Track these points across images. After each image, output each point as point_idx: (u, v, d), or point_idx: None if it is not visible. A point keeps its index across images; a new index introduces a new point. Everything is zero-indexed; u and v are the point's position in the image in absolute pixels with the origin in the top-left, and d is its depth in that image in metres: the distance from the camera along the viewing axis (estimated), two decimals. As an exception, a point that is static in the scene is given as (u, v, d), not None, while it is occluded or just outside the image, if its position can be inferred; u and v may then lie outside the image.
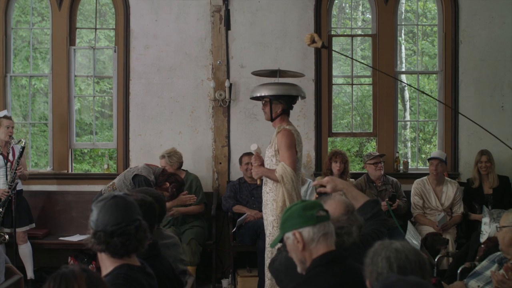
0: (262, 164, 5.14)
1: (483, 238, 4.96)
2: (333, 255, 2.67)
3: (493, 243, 4.94)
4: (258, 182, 5.17)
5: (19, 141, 6.60)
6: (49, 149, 7.77)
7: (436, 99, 7.76)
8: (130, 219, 2.71)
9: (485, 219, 4.97)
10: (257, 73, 5.52)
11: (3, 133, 6.65)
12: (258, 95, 5.07)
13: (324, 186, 3.61)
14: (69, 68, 7.67)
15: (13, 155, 6.64)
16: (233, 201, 7.02)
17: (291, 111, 5.29)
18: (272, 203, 4.98)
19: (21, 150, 6.56)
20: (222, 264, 7.36)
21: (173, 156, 6.86)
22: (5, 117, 6.72)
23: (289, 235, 2.71)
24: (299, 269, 2.78)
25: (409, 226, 5.99)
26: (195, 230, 6.74)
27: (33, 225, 6.85)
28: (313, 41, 5.14)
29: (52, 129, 7.68)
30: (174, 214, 6.64)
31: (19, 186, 6.70)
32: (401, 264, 2.16)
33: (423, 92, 5.76)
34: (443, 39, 7.71)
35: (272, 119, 5.13)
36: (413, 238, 5.67)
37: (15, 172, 6.49)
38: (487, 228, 4.90)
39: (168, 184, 5.89)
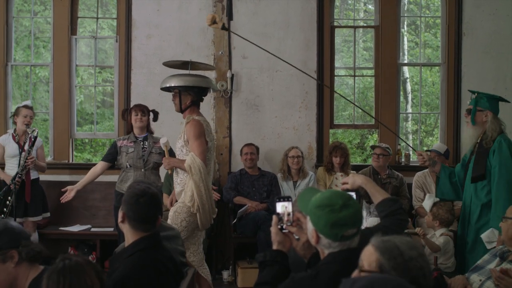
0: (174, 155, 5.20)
1: None
2: (351, 253, 2.55)
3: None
4: (170, 172, 5.13)
5: (33, 131, 6.55)
6: (50, 139, 7.76)
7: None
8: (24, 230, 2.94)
9: (363, 213, 4.95)
10: (168, 64, 5.46)
11: (20, 122, 6.64)
12: (168, 85, 5.01)
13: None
14: (70, 57, 7.65)
15: (29, 145, 6.62)
16: (234, 192, 7.01)
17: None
18: (180, 194, 4.95)
19: (33, 139, 6.52)
20: (222, 256, 7.36)
21: None
22: (24, 106, 6.70)
23: (309, 223, 2.63)
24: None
25: None
26: None
27: (48, 214, 6.86)
28: (214, 22, 5.09)
29: (53, 118, 7.67)
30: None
31: (36, 175, 6.76)
32: (389, 255, 2.11)
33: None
34: (446, 31, 7.68)
35: (181, 111, 5.05)
36: None
37: (25, 162, 6.45)
38: (364, 222, 4.88)
39: (131, 108, 6.40)
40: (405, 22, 12.16)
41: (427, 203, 5.40)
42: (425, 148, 10.40)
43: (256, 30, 7.53)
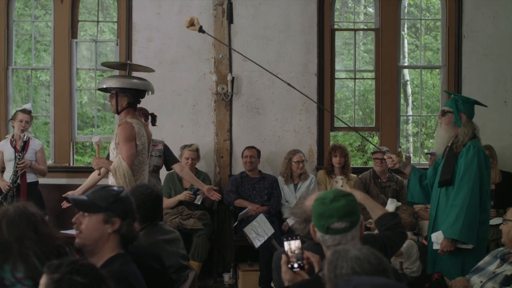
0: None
1: None
2: None
3: None
4: (98, 172, 5.08)
5: (24, 135, 6.58)
6: (51, 142, 7.76)
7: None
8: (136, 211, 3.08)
9: None
10: (106, 65, 5.43)
11: (16, 127, 6.68)
12: (105, 86, 4.94)
13: None
14: (71, 61, 7.65)
15: (26, 149, 6.64)
16: (235, 195, 7.01)
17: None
18: None
19: (22, 144, 6.55)
20: (223, 258, 7.36)
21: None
22: (22, 110, 6.71)
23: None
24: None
25: (260, 217, 5.92)
26: (206, 226, 6.74)
27: (45, 218, 6.82)
28: (192, 24, 5.11)
29: (54, 122, 7.67)
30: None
31: (34, 178, 6.77)
32: (368, 272, 2.05)
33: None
34: (447, 34, 7.69)
35: (117, 112, 4.98)
36: (263, 232, 5.68)
37: (17, 166, 6.48)
38: None
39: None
40: (406, 25, 12.17)
41: (390, 208, 5.38)
42: (425, 151, 10.41)
43: (257, 33, 7.54)
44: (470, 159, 4.72)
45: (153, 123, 6.46)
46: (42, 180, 7.34)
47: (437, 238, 4.77)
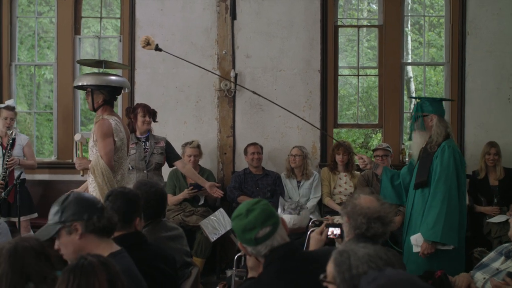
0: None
1: None
2: (286, 248, 2.64)
3: None
4: (81, 173, 5.04)
5: (11, 133, 6.58)
6: (54, 138, 7.77)
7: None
8: (98, 202, 2.94)
9: (278, 210, 4.95)
10: (81, 62, 5.45)
11: (1, 124, 6.66)
12: (80, 84, 4.95)
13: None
14: (74, 57, 7.66)
15: (13, 146, 6.64)
16: (238, 191, 7.00)
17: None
18: (92, 194, 4.87)
19: (10, 141, 6.56)
20: (226, 255, 7.35)
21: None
22: (6, 107, 6.71)
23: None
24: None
25: (219, 212, 5.89)
26: None
27: (35, 215, 6.83)
28: (147, 43, 5.15)
29: (57, 118, 7.68)
30: None
31: (22, 176, 6.72)
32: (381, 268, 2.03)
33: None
34: (450, 31, 7.66)
35: (94, 109, 5.00)
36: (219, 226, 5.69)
37: (6, 164, 6.49)
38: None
39: (138, 108, 6.34)
40: (409, 22, 12.15)
41: None
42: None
43: (260, 29, 7.53)
44: (447, 159, 4.74)
45: (154, 119, 6.46)
46: (43, 176, 7.37)
47: (417, 241, 4.77)
